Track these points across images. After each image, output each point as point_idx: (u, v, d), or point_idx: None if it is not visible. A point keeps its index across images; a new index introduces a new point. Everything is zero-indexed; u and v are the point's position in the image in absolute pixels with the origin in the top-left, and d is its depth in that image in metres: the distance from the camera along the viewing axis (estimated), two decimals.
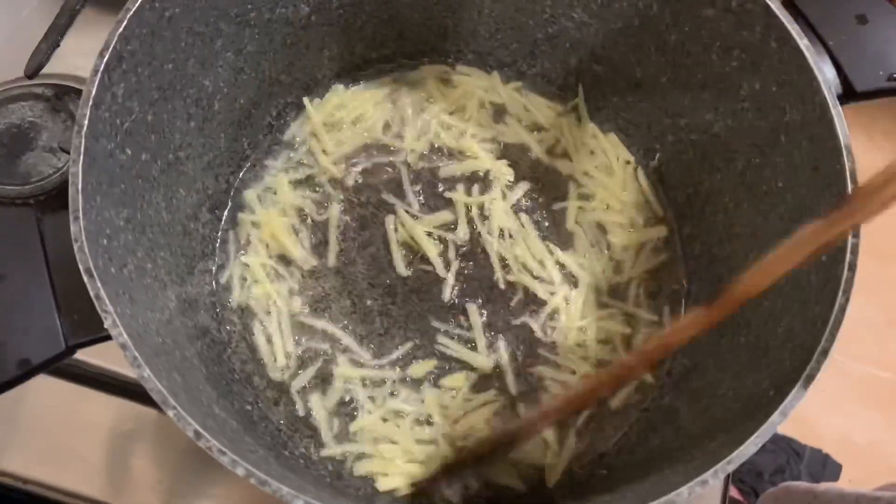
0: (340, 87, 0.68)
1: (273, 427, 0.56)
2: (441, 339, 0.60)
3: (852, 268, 0.43)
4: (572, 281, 0.62)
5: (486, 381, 0.59)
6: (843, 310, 0.43)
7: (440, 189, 0.65)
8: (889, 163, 0.38)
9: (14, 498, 0.62)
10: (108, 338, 0.41)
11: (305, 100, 0.66)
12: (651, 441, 0.55)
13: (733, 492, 1.35)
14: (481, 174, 0.66)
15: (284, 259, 0.62)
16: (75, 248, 0.40)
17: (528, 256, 0.62)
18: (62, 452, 0.61)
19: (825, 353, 0.42)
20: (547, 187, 0.66)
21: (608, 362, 0.60)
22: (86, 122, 0.43)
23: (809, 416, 1.40)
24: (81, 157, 0.42)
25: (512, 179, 0.66)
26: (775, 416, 0.40)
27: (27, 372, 0.41)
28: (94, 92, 0.44)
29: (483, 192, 0.65)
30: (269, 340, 0.59)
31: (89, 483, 0.60)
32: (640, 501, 0.39)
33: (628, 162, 0.66)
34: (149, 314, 0.47)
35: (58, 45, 0.68)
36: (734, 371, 0.51)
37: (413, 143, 0.66)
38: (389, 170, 0.66)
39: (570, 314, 0.61)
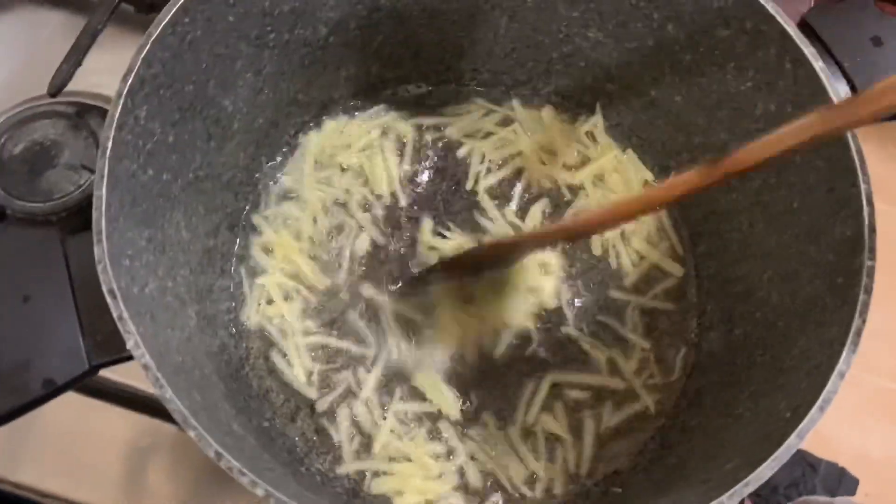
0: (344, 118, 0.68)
1: (290, 443, 0.57)
2: None
3: (868, 290, 0.44)
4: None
5: None
6: (859, 332, 0.43)
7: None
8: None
9: None
10: (130, 357, 0.41)
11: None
12: (667, 460, 0.55)
13: None
14: None
15: (299, 278, 0.62)
16: (99, 269, 0.41)
17: None
18: (79, 466, 0.62)
19: (841, 375, 0.42)
20: (561, 207, 0.66)
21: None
22: (109, 144, 0.44)
23: (825, 429, 1.37)
24: (105, 180, 0.43)
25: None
26: (792, 439, 0.41)
27: (52, 392, 0.41)
28: (117, 115, 0.45)
29: None
30: (288, 360, 0.59)
31: (106, 497, 0.61)
32: None
33: (647, 181, 0.67)
34: (169, 332, 0.48)
35: (80, 64, 0.69)
36: (750, 391, 0.51)
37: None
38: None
39: None
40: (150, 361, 0.40)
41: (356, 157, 0.66)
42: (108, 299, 0.40)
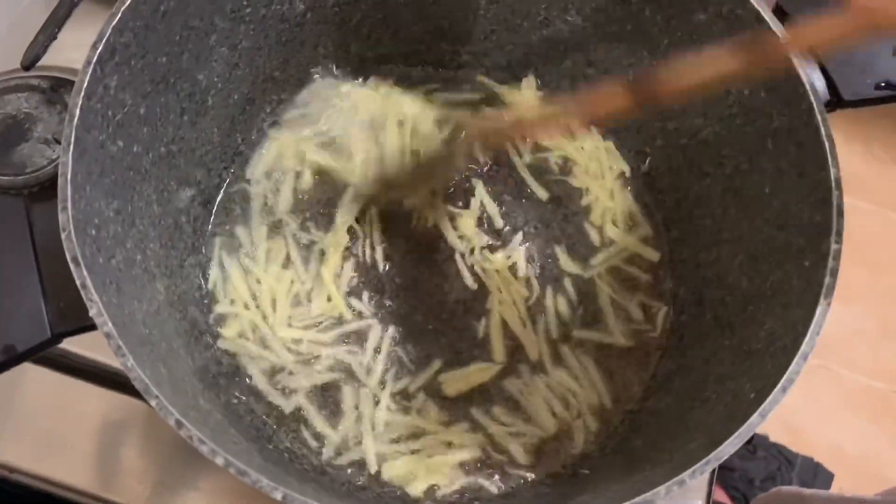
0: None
1: (259, 421, 0.56)
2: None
3: (833, 273, 0.44)
4: None
5: None
6: (824, 314, 0.43)
7: None
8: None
9: (1, 487, 0.62)
10: (93, 327, 0.41)
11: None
12: (634, 442, 0.55)
13: (724, 498, 1.35)
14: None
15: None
16: (63, 236, 0.41)
17: None
18: (51, 443, 0.61)
19: (805, 356, 0.42)
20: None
21: None
22: (77, 112, 0.43)
23: (802, 424, 1.40)
24: (72, 147, 0.43)
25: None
26: (754, 418, 0.41)
27: (12, 358, 0.41)
28: (86, 83, 0.44)
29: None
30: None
31: (77, 474, 0.60)
32: (617, 500, 0.40)
33: (623, 172, 0.67)
34: (136, 305, 0.47)
35: (55, 38, 0.69)
36: (718, 374, 0.51)
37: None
38: None
39: None
40: (111, 329, 0.39)
41: None
42: (72, 266, 0.40)
